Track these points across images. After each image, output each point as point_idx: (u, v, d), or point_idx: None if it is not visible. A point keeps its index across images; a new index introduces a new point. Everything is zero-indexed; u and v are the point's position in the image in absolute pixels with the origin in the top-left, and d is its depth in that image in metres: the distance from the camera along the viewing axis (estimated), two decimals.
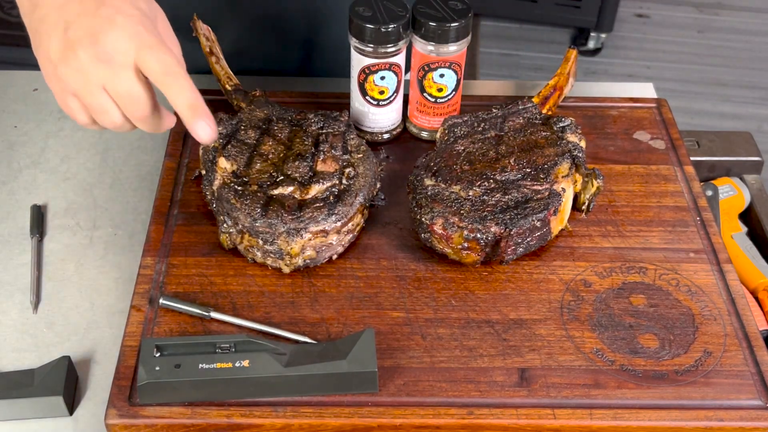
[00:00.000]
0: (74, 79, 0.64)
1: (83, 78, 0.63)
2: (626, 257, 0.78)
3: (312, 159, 0.78)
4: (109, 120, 0.65)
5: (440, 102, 0.87)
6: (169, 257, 0.76)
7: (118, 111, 0.65)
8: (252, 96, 0.85)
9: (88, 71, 0.63)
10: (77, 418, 0.70)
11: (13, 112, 0.97)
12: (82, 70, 0.63)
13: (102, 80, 0.63)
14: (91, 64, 0.63)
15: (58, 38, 0.64)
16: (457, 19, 0.81)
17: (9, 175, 0.90)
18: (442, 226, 0.73)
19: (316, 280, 0.75)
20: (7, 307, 0.77)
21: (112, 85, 0.63)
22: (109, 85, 0.63)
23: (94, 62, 0.62)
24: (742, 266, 0.88)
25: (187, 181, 0.84)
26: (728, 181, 0.98)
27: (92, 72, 0.63)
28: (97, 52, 0.62)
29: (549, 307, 0.73)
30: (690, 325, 0.72)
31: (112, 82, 0.63)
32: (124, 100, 0.64)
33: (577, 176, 0.79)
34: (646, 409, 0.66)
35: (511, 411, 0.66)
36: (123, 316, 0.75)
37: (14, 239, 0.83)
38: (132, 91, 0.63)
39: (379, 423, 0.65)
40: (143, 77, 0.63)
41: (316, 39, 1.01)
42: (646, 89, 1.01)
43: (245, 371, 0.65)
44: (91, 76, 0.63)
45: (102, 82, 0.63)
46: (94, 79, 0.63)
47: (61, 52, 0.63)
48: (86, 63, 0.63)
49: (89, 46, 0.62)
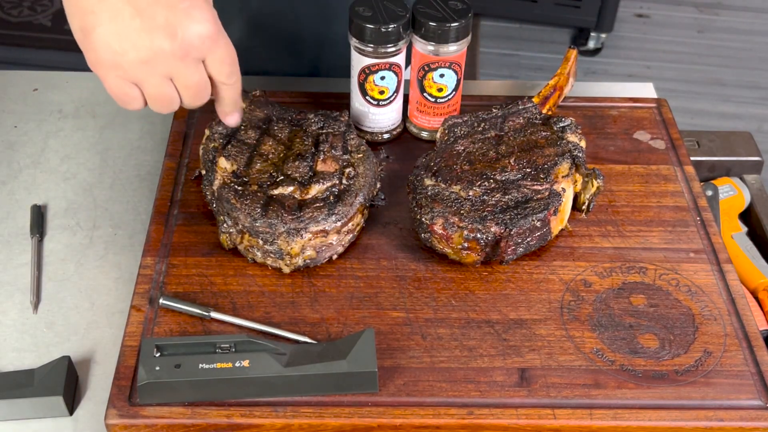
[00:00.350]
0: (141, 69, 0.63)
1: (152, 69, 0.63)
2: (626, 257, 0.78)
3: (312, 159, 0.78)
4: (170, 108, 0.67)
5: (440, 102, 0.87)
6: (169, 257, 0.76)
7: (179, 100, 0.67)
8: (252, 96, 0.85)
9: (159, 63, 0.63)
10: (77, 418, 0.70)
11: (13, 112, 0.97)
12: (153, 62, 0.62)
13: (172, 72, 0.64)
14: (164, 57, 0.62)
15: (123, 24, 0.61)
16: (457, 19, 0.81)
17: (9, 175, 0.90)
18: (442, 226, 0.73)
19: (316, 280, 0.75)
20: (7, 307, 0.77)
21: (183, 78, 0.64)
22: (180, 78, 0.64)
23: (167, 55, 0.62)
24: (742, 266, 0.88)
25: (187, 181, 0.84)
26: (728, 181, 0.98)
27: (163, 64, 0.63)
28: (173, 45, 0.62)
29: (549, 307, 0.73)
30: (690, 325, 0.72)
31: (183, 75, 0.64)
32: (191, 91, 0.66)
33: (577, 176, 0.79)
34: (646, 409, 0.66)
35: (511, 411, 0.66)
36: (123, 316, 0.75)
37: (14, 239, 0.83)
38: (200, 83, 0.66)
39: (379, 423, 0.65)
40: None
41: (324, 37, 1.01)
42: (646, 89, 1.01)
43: (245, 371, 0.65)
44: (161, 67, 0.63)
45: (171, 74, 0.64)
46: (164, 71, 0.63)
47: (129, 40, 0.62)
48: (159, 55, 0.62)
49: (165, 38, 0.62)
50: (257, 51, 1.00)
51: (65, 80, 1.01)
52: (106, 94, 0.98)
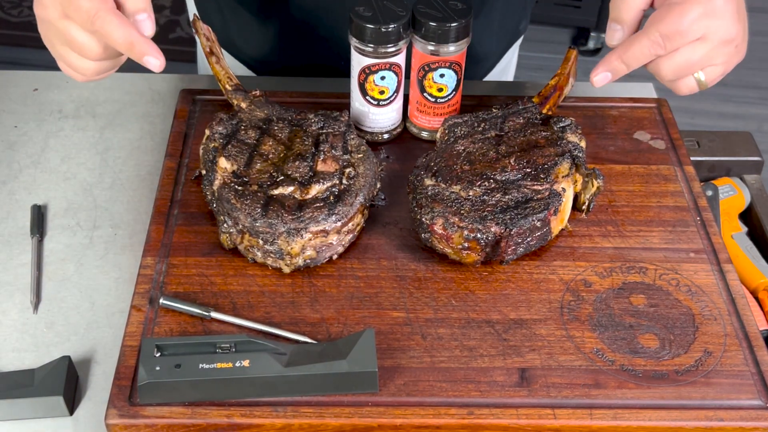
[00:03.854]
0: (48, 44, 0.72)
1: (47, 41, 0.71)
2: (626, 257, 0.78)
3: (312, 159, 0.78)
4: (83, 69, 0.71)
5: (440, 102, 0.87)
6: (170, 257, 0.76)
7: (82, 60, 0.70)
8: (252, 96, 0.85)
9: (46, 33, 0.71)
10: (77, 418, 0.70)
11: (13, 112, 0.97)
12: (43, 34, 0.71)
13: (54, 36, 0.70)
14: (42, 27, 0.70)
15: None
16: (457, 19, 0.81)
17: (9, 175, 0.90)
18: (442, 226, 0.73)
19: (317, 280, 0.75)
20: (7, 307, 0.77)
21: (60, 38, 0.70)
22: (59, 39, 0.70)
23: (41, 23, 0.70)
24: (742, 266, 0.88)
25: (188, 181, 0.84)
26: (728, 181, 0.98)
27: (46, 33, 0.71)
28: (37, 14, 0.69)
29: (549, 307, 0.73)
30: (690, 325, 0.72)
31: (58, 36, 0.69)
32: (74, 48, 0.69)
33: (577, 176, 0.79)
34: (646, 409, 0.66)
35: (512, 411, 0.66)
36: (123, 316, 0.75)
37: (14, 239, 0.83)
38: (72, 38, 0.68)
39: (380, 423, 0.65)
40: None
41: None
42: (646, 89, 1.01)
43: (245, 371, 0.65)
44: (48, 36, 0.71)
45: (55, 37, 0.70)
46: (51, 38, 0.70)
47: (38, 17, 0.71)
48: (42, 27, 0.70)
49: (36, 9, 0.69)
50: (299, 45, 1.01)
51: (65, 80, 1.01)
52: (107, 94, 1.00)
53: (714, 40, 0.64)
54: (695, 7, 0.64)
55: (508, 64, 1.15)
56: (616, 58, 0.69)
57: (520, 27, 1.11)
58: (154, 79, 1.01)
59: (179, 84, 1.00)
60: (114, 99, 0.99)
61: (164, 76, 1.00)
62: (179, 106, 0.91)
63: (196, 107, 0.92)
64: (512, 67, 1.18)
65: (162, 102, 0.98)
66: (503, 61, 1.12)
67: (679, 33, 0.63)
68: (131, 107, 0.98)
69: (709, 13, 0.64)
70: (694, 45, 0.64)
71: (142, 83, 1.01)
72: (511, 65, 1.17)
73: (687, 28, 0.63)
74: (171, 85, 1.00)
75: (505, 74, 1.16)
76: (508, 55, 1.13)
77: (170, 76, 1.01)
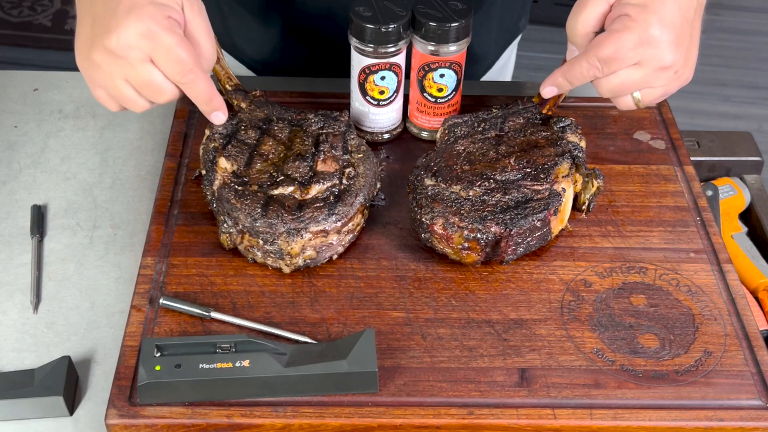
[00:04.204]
0: (98, 73, 0.68)
1: (105, 73, 0.67)
2: (626, 257, 0.78)
3: (312, 159, 0.78)
4: (139, 107, 0.69)
5: (440, 102, 0.87)
6: (170, 257, 0.76)
7: (142, 99, 0.69)
8: (252, 96, 0.85)
9: (109, 65, 0.66)
10: (77, 418, 0.70)
11: (13, 112, 0.97)
12: (103, 65, 0.67)
13: (123, 74, 0.67)
14: (109, 60, 0.66)
15: (86, 33, 0.68)
16: (457, 19, 0.81)
17: (9, 175, 0.90)
18: (442, 226, 0.73)
19: (317, 280, 0.75)
20: (7, 307, 0.77)
21: (132, 78, 0.67)
22: (130, 78, 0.67)
23: (112, 58, 0.66)
24: (742, 266, 0.88)
25: (188, 181, 0.84)
26: (728, 181, 0.98)
27: (112, 67, 0.66)
28: (111, 47, 0.65)
29: (549, 307, 0.73)
30: (690, 325, 0.72)
31: (131, 75, 0.67)
32: (147, 90, 0.68)
33: (577, 176, 0.79)
34: (646, 409, 0.66)
35: (512, 411, 0.66)
36: (123, 316, 0.75)
37: (14, 239, 0.83)
38: (152, 82, 0.67)
39: (380, 423, 0.65)
40: None
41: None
42: None
43: (245, 371, 0.65)
44: (112, 70, 0.67)
45: (124, 75, 0.67)
46: (116, 73, 0.67)
47: (87, 46, 0.67)
48: (105, 59, 0.66)
49: (105, 41, 0.65)
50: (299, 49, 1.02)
51: (65, 80, 1.01)
52: None
53: (649, 67, 0.68)
54: (630, 35, 0.68)
55: (507, 63, 1.16)
56: (560, 75, 0.75)
57: (520, 24, 1.11)
58: None
59: None
60: None
61: None
62: (179, 106, 0.91)
63: (196, 107, 0.92)
64: (510, 65, 1.18)
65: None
66: (502, 60, 1.12)
67: (614, 59, 0.68)
68: None
69: (644, 42, 0.67)
70: (630, 69, 0.68)
71: None
72: (509, 64, 1.17)
73: (622, 55, 0.67)
74: None
75: (504, 73, 1.16)
76: (507, 53, 1.13)
77: None
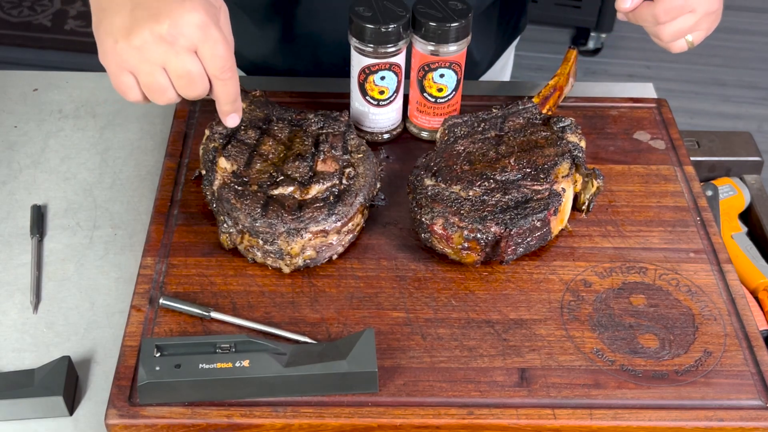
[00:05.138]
0: (134, 56, 0.66)
1: (143, 56, 0.66)
2: (626, 257, 0.78)
3: (312, 159, 0.78)
4: (165, 98, 0.69)
5: (440, 102, 0.87)
6: (169, 257, 0.76)
7: (174, 91, 0.68)
8: (252, 96, 0.85)
9: (150, 50, 0.66)
10: (77, 418, 0.70)
11: (13, 112, 0.97)
12: (144, 48, 0.66)
13: (163, 60, 0.66)
14: (154, 43, 0.65)
15: (123, 16, 0.66)
16: (457, 19, 0.81)
17: (9, 175, 0.90)
18: (442, 226, 0.73)
19: (316, 280, 0.75)
20: (7, 307, 0.77)
21: (173, 65, 0.66)
22: (170, 65, 0.66)
23: (158, 41, 0.65)
24: (742, 266, 0.88)
25: (187, 181, 0.84)
26: (728, 181, 0.98)
27: (154, 51, 0.66)
28: (161, 32, 0.65)
29: (549, 307, 0.73)
30: (690, 325, 0.72)
31: (173, 62, 0.66)
32: (183, 81, 0.67)
33: (577, 176, 0.79)
34: (646, 409, 0.66)
35: (511, 411, 0.66)
36: (123, 316, 0.75)
37: (14, 239, 0.83)
38: (192, 73, 0.67)
39: (379, 423, 0.65)
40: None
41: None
42: (646, 89, 1.01)
43: (245, 371, 0.65)
44: (153, 54, 0.66)
45: (162, 61, 0.66)
46: (155, 58, 0.66)
47: (125, 29, 0.66)
48: (149, 42, 0.65)
49: (155, 25, 0.65)
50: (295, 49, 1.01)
51: (65, 80, 1.01)
52: (107, 94, 1.00)
53: (700, 12, 0.80)
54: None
55: (506, 63, 1.16)
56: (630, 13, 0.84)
57: (520, 24, 1.12)
58: None
59: None
60: (114, 99, 0.99)
61: None
62: (179, 106, 0.91)
63: (196, 107, 0.92)
64: (509, 66, 1.18)
65: None
66: (501, 60, 1.12)
67: (676, 8, 0.79)
68: (131, 107, 0.98)
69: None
70: (686, 16, 0.80)
71: None
72: (509, 64, 1.17)
73: (683, 3, 0.79)
74: None
75: (503, 73, 1.16)
76: (507, 53, 1.13)
77: None
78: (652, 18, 0.80)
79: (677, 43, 0.83)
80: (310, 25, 0.98)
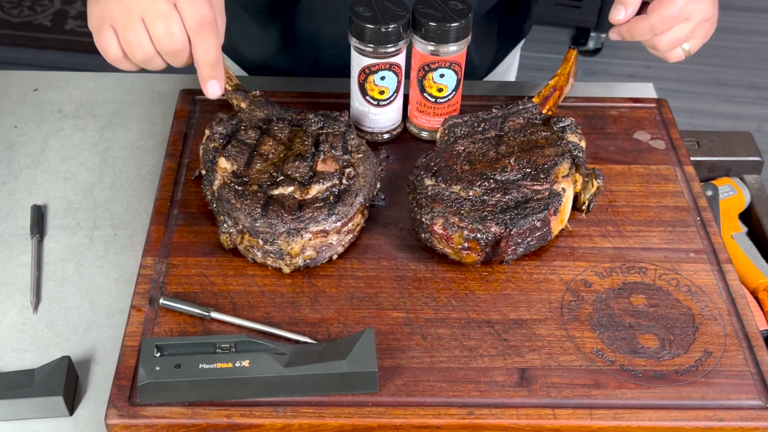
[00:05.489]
0: (114, 7, 0.68)
1: (122, 7, 0.67)
2: (626, 257, 0.78)
3: (312, 159, 0.78)
4: (142, 52, 0.69)
5: (440, 102, 0.87)
6: (169, 257, 0.76)
7: (151, 44, 0.68)
8: (252, 96, 0.85)
9: (131, 2, 0.67)
10: (77, 418, 0.70)
11: (13, 112, 0.97)
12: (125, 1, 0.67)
13: (141, 10, 0.67)
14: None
15: None
16: (457, 19, 0.81)
17: (9, 175, 0.90)
18: (442, 226, 0.73)
19: (316, 280, 0.75)
20: (7, 307, 0.77)
21: (150, 14, 0.67)
22: (148, 15, 0.67)
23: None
24: (742, 266, 0.88)
25: (187, 181, 0.84)
26: (728, 181, 0.98)
27: (134, 3, 0.67)
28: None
29: (549, 307, 0.73)
30: (690, 325, 0.72)
31: (150, 11, 0.67)
32: (159, 30, 0.68)
33: (577, 176, 0.79)
34: (646, 409, 0.66)
35: (511, 411, 0.66)
36: (123, 316, 0.75)
37: (14, 239, 0.83)
38: (169, 21, 0.67)
39: (379, 423, 0.65)
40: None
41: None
42: (646, 89, 1.01)
43: (245, 371, 0.65)
44: (131, 5, 0.67)
45: (141, 12, 0.67)
46: (135, 9, 0.67)
47: None
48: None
49: None
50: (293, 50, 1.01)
51: (65, 80, 1.01)
52: (107, 94, 1.00)
53: (696, 20, 0.80)
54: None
55: (510, 67, 1.16)
56: (625, 30, 0.84)
57: (523, 29, 1.11)
58: (154, 80, 1.01)
59: (179, 84, 1.00)
60: (114, 99, 0.99)
61: (164, 76, 1.00)
62: (179, 106, 0.91)
63: (196, 107, 0.92)
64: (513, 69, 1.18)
65: (162, 102, 0.98)
66: (506, 62, 1.12)
67: (670, 17, 0.80)
68: (131, 107, 0.98)
69: (691, 0, 0.80)
70: (682, 24, 0.80)
71: (142, 83, 1.01)
72: (512, 67, 1.17)
73: (678, 12, 0.79)
74: (171, 85, 1.00)
75: (507, 76, 1.16)
76: (511, 56, 1.13)
77: (170, 76, 1.01)
78: (648, 29, 0.81)
79: (674, 53, 0.84)
80: (310, 25, 0.98)
